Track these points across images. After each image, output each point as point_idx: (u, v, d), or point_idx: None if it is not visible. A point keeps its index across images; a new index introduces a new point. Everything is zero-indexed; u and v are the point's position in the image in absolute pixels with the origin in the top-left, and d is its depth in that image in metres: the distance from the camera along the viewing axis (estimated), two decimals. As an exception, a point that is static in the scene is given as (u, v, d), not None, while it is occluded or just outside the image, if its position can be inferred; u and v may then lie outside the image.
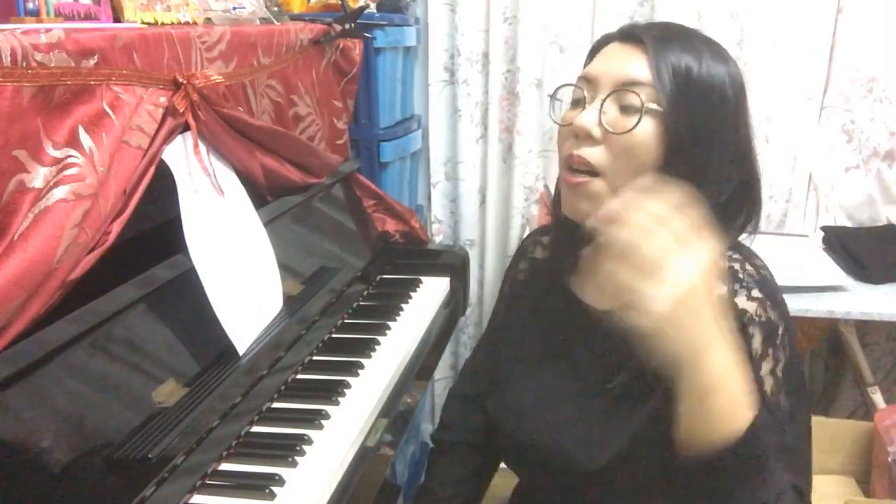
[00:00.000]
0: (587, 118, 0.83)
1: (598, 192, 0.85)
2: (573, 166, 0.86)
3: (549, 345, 0.98)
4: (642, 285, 0.64)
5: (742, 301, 0.82)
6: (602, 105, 0.83)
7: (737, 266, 0.86)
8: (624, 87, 0.83)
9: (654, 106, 0.81)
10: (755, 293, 0.83)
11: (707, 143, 0.83)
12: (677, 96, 0.81)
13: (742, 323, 0.81)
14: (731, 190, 0.87)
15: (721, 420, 0.68)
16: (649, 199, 0.66)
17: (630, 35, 0.85)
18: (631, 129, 0.81)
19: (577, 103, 0.88)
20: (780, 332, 0.82)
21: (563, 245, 0.97)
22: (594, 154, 0.84)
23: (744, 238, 0.92)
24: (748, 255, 0.89)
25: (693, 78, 0.82)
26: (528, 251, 1.09)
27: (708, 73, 0.83)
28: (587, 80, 0.87)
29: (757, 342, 0.81)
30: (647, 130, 0.82)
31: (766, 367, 0.81)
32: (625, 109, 0.83)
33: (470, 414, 1.13)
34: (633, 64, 0.83)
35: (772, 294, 0.84)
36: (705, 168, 0.84)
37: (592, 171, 0.84)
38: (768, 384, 0.81)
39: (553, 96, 0.92)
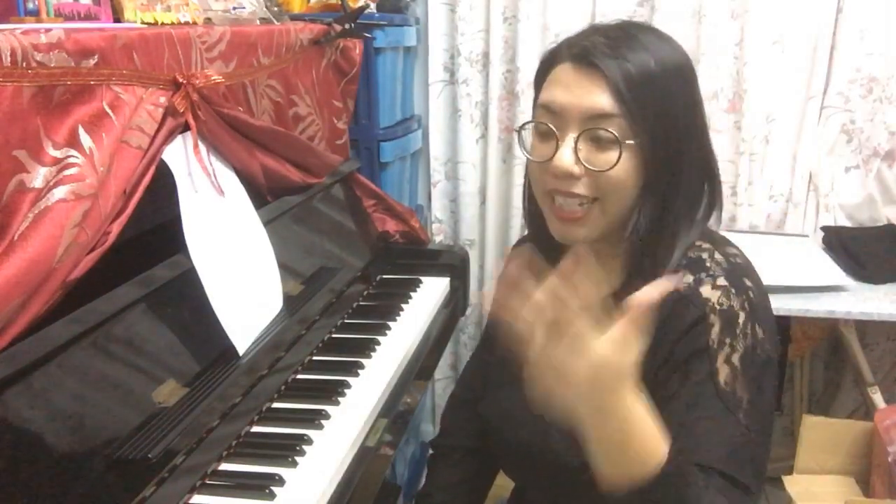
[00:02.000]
0: (565, 159, 0.83)
1: (597, 217, 0.86)
2: (557, 198, 0.86)
3: None
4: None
5: (706, 290, 0.83)
6: (576, 144, 0.83)
7: (705, 255, 0.87)
8: (594, 121, 0.82)
9: (630, 142, 0.82)
10: (720, 281, 0.84)
11: (683, 146, 0.85)
12: (646, 116, 0.82)
13: (704, 312, 0.82)
14: (699, 178, 0.89)
15: (635, 461, 0.69)
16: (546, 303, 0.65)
17: (582, 58, 0.83)
18: (613, 166, 0.82)
19: (546, 136, 0.87)
20: (740, 319, 0.82)
21: (542, 251, 0.98)
22: (581, 188, 0.85)
23: (713, 223, 0.93)
24: (720, 244, 0.89)
25: (655, 79, 0.82)
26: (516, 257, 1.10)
27: (665, 67, 0.84)
28: (550, 112, 0.85)
29: (715, 331, 0.81)
30: (626, 160, 0.83)
31: (721, 356, 0.81)
32: (598, 143, 0.83)
33: (469, 419, 1.13)
34: (596, 96, 0.82)
35: (738, 281, 0.84)
36: (681, 171, 0.85)
37: (587, 199, 0.85)
38: (723, 374, 0.81)
39: (519, 130, 0.92)
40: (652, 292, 0.64)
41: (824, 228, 1.97)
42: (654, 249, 0.86)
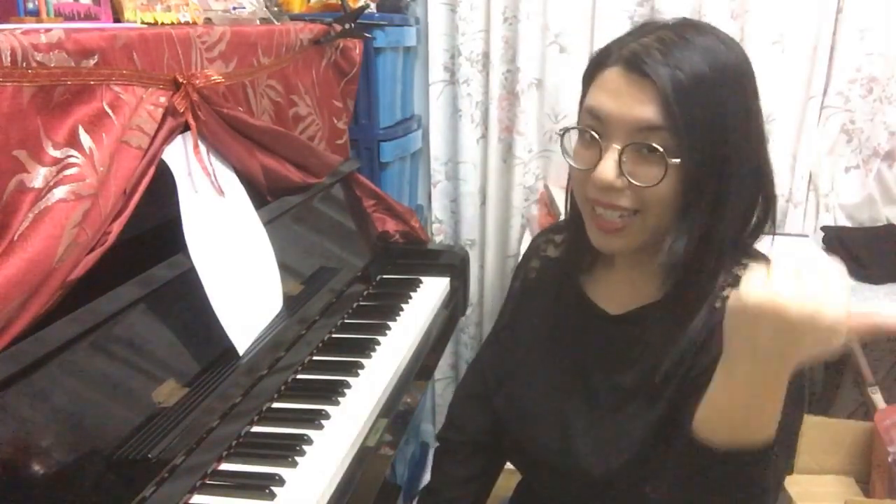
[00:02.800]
0: (608, 172, 0.81)
1: (639, 229, 0.84)
2: (598, 209, 0.84)
3: (558, 344, 0.98)
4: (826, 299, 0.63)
5: None
6: (620, 156, 0.81)
7: None
8: (640, 134, 0.79)
9: (675, 160, 0.79)
10: None
11: (733, 159, 0.81)
12: (695, 129, 0.78)
13: None
14: (752, 195, 0.86)
15: (741, 421, 0.70)
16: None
17: (633, 65, 0.80)
18: (658, 183, 0.79)
19: (590, 143, 0.84)
20: None
21: (576, 246, 0.97)
22: (623, 199, 0.82)
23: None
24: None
25: (706, 85, 0.79)
26: (541, 249, 1.08)
27: (720, 71, 0.80)
28: (596, 118, 0.83)
29: None
30: (671, 176, 0.80)
31: None
32: (643, 156, 0.80)
33: (477, 414, 1.12)
34: (644, 106, 0.79)
35: None
36: (729, 188, 0.82)
37: (629, 211, 0.83)
38: None
39: (563, 134, 0.88)
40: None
41: (824, 228, 1.97)
42: (697, 267, 0.84)
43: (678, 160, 0.79)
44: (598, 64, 0.85)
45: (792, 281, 0.62)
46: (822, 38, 1.87)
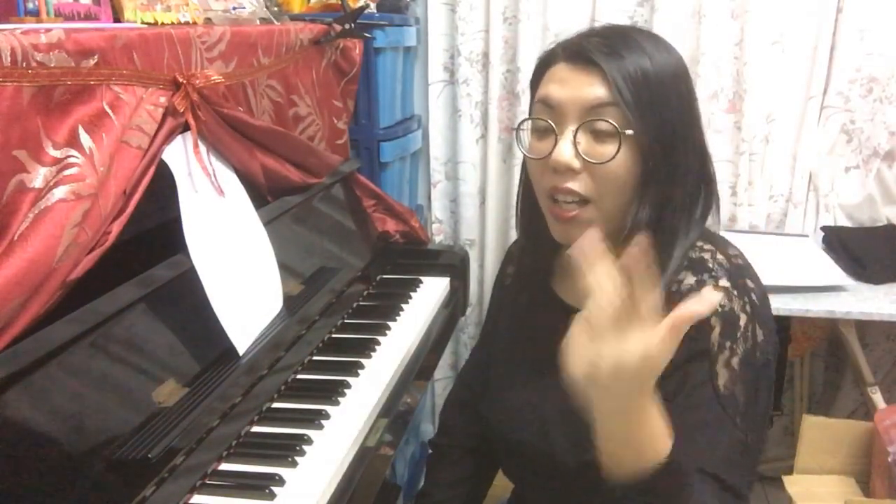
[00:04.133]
0: (564, 152, 0.83)
1: (591, 218, 0.85)
2: (558, 197, 0.86)
3: (536, 345, 0.98)
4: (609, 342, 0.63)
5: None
6: (575, 136, 0.83)
7: (707, 256, 0.87)
8: (592, 112, 0.82)
9: (629, 132, 0.81)
10: (722, 282, 0.84)
11: (679, 142, 0.85)
12: (644, 109, 0.82)
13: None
14: (694, 180, 0.88)
15: (642, 455, 0.69)
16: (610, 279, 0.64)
17: (578, 55, 0.84)
18: (613, 158, 0.82)
19: (544, 133, 0.87)
20: (741, 322, 0.82)
21: (535, 254, 0.99)
22: (578, 184, 0.84)
23: (711, 224, 0.93)
24: (721, 245, 0.89)
25: (650, 79, 0.83)
26: (515, 255, 1.10)
27: (661, 69, 0.84)
28: (548, 107, 0.86)
29: (715, 334, 0.81)
30: (625, 152, 0.82)
31: (721, 359, 0.81)
32: (597, 135, 0.83)
33: (467, 419, 1.14)
34: (593, 88, 0.82)
35: (740, 283, 0.84)
36: (678, 167, 0.85)
37: (581, 199, 0.85)
38: (722, 377, 0.81)
39: (517, 129, 0.92)
40: (699, 308, 0.62)
41: (824, 228, 1.97)
42: (654, 246, 0.86)
43: (630, 132, 0.81)
44: (544, 63, 0.90)
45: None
46: (822, 38, 1.87)
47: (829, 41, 1.87)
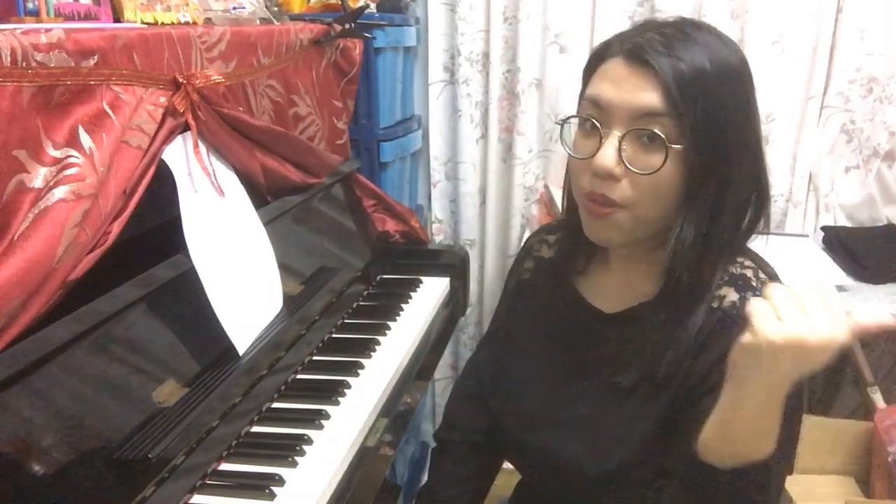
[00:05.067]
0: (607, 158, 0.80)
1: (623, 222, 0.83)
2: (595, 200, 0.83)
3: (554, 345, 0.98)
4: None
5: None
6: (620, 142, 0.80)
7: (749, 273, 0.86)
8: (641, 121, 0.79)
9: (676, 146, 0.78)
10: None
11: (732, 155, 0.81)
12: (697, 119, 0.78)
13: None
14: (748, 192, 0.85)
15: (748, 442, 0.71)
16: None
17: (635, 56, 0.80)
18: (658, 170, 0.79)
19: (590, 132, 0.83)
20: None
21: (571, 246, 0.97)
22: (617, 191, 0.81)
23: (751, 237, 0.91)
24: (761, 264, 0.88)
25: (708, 81, 0.79)
26: (534, 250, 1.08)
27: (720, 69, 0.80)
28: (596, 107, 0.82)
29: None
30: (671, 164, 0.79)
31: None
32: (643, 144, 0.80)
33: (474, 414, 1.12)
34: (646, 93, 0.78)
35: None
36: (729, 183, 0.82)
37: (616, 204, 0.82)
38: None
39: (562, 124, 0.87)
40: (873, 322, 0.66)
41: (824, 228, 1.97)
42: (698, 263, 0.83)
43: (679, 146, 0.78)
44: (599, 56, 0.85)
45: (802, 316, 0.64)
46: (822, 38, 1.86)
47: (829, 41, 1.87)
